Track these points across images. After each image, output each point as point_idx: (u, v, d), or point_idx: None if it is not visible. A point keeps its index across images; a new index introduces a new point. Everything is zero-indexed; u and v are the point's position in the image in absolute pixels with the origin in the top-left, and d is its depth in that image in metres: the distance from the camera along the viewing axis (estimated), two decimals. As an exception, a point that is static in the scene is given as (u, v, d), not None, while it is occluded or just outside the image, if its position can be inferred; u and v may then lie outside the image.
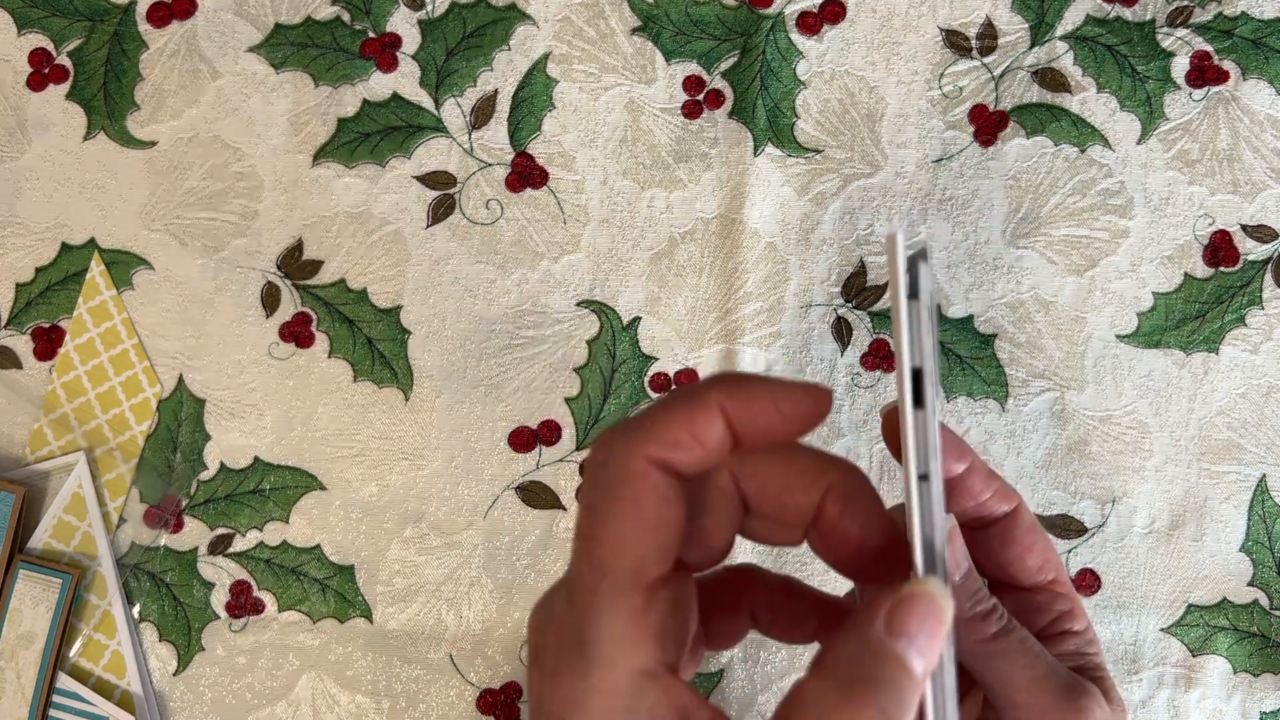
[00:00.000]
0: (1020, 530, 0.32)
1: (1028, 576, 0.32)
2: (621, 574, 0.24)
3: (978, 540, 0.32)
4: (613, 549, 0.24)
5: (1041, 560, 0.32)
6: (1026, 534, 0.32)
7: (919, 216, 0.52)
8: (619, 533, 0.24)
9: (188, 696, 0.53)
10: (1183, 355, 0.52)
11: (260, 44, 0.54)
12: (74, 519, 0.53)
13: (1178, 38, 0.52)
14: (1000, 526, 0.32)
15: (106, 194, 0.54)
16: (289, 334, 0.54)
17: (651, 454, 0.24)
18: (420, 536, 0.53)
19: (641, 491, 0.24)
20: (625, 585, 0.24)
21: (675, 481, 0.25)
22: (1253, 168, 0.52)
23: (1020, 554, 0.32)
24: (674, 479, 0.25)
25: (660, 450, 0.24)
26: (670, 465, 0.25)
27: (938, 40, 0.53)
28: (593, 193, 0.53)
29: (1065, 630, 0.32)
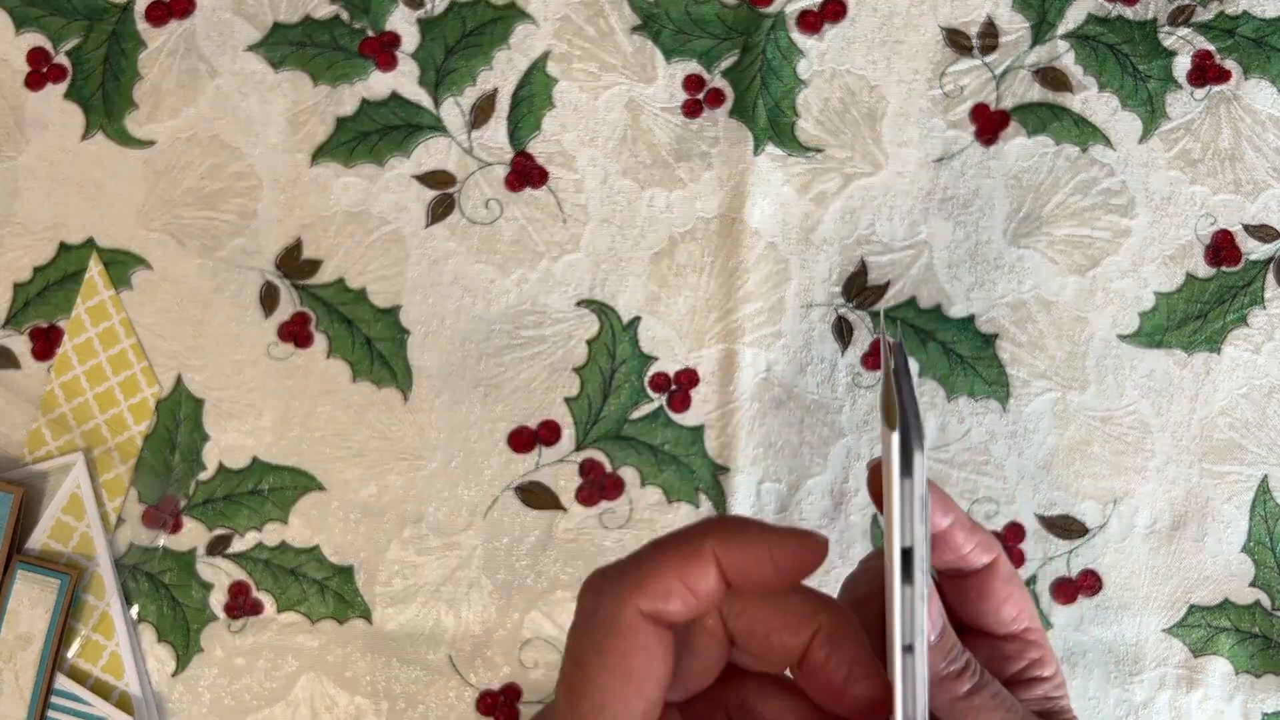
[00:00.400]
0: (998, 581, 0.33)
1: (1003, 626, 0.33)
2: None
3: (956, 589, 0.33)
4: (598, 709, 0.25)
5: (1016, 610, 0.33)
6: (1004, 585, 0.33)
7: (919, 216, 0.52)
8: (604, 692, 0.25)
9: (186, 697, 0.53)
10: (1184, 355, 0.52)
11: (259, 43, 0.54)
12: (72, 519, 0.53)
13: (1179, 37, 0.52)
14: (979, 577, 0.33)
15: (105, 193, 0.54)
16: (288, 334, 0.53)
17: (642, 606, 0.24)
18: (419, 537, 0.53)
19: (629, 648, 0.25)
20: None
21: (665, 634, 0.25)
22: (1254, 167, 0.52)
23: (997, 605, 0.33)
24: (664, 630, 0.25)
25: (651, 603, 0.24)
26: (661, 617, 0.25)
27: (939, 39, 0.53)
28: (593, 192, 0.53)
29: (1035, 677, 0.33)
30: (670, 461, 0.52)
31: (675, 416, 0.52)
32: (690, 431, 0.52)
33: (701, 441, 0.52)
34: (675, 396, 0.52)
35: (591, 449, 0.53)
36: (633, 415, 0.53)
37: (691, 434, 0.52)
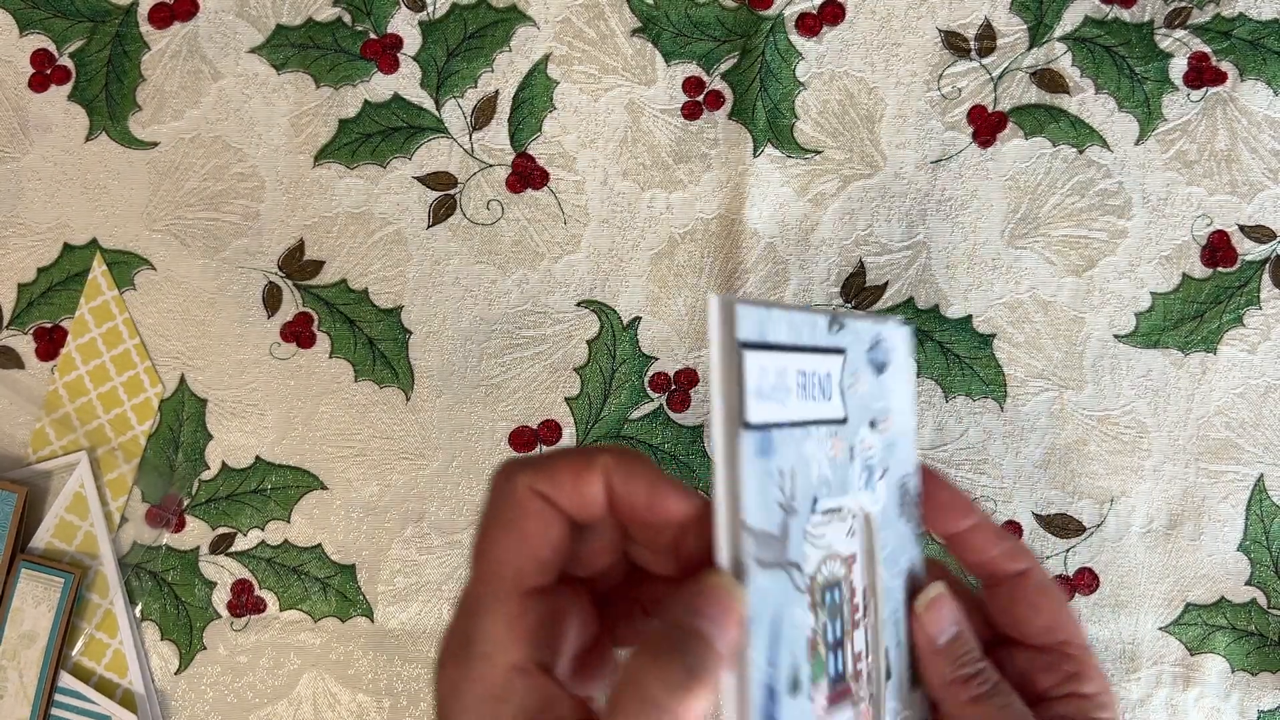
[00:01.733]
0: (1028, 590, 0.34)
1: (1036, 636, 0.34)
2: (500, 584, 0.28)
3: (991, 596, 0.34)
4: (494, 562, 0.28)
5: (1050, 622, 0.33)
6: (1035, 595, 0.33)
7: (917, 217, 0.53)
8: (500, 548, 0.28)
9: (189, 695, 0.53)
10: (1181, 355, 0.52)
11: (262, 45, 0.54)
12: (76, 518, 0.53)
13: (1176, 39, 0.52)
14: (1010, 585, 0.34)
15: (108, 194, 0.54)
16: (290, 334, 0.54)
17: (537, 486, 0.28)
18: (421, 536, 0.53)
19: (523, 514, 0.28)
20: (504, 593, 0.28)
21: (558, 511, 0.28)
22: (1250, 168, 0.52)
23: (1027, 614, 0.34)
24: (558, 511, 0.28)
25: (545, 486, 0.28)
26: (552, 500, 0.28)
27: (936, 41, 0.53)
28: (593, 193, 0.53)
29: (1071, 693, 0.33)
30: (670, 461, 0.52)
31: (675, 416, 0.53)
32: (690, 431, 0.53)
33: (701, 441, 0.52)
34: (675, 396, 0.53)
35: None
36: (633, 415, 0.53)
37: (691, 434, 0.53)
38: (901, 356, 0.33)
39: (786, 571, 0.28)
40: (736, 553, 0.26)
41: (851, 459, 0.30)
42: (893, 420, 0.32)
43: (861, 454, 0.31)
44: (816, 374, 0.29)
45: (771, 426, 0.27)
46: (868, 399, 0.31)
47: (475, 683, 0.27)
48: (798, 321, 0.29)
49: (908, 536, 0.33)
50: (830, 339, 0.30)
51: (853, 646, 0.30)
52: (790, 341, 0.28)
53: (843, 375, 0.30)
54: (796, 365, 0.28)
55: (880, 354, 0.32)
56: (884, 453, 0.32)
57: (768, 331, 0.28)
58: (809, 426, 0.29)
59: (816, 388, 0.29)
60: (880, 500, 0.31)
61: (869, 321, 0.32)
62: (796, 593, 0.28)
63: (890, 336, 0.32)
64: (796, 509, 0.28)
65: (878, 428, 0.32)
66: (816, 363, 0.29)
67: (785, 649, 0.28)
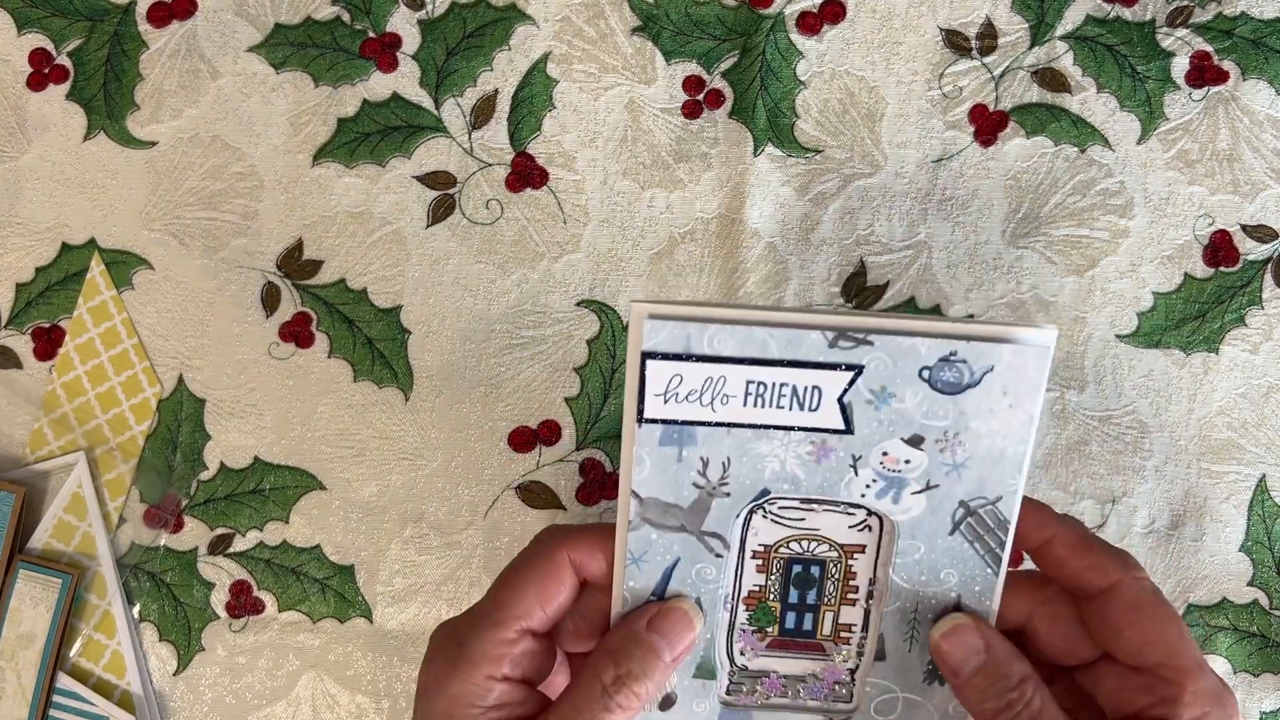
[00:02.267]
0: (1116, 607, 0.33)
1: (1129, 655, 0.33)
2: (505, 613, 0.35)
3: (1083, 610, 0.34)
4: (510, 596, 0.35)
5: (1143, 641, 0.32)
6: (1124, 611, 0.33)
7: (918, 216, 0.53)
8: (518, 588, 0.35)
9: (188, 696, 0.53)
10: (1182, 355, 0.52)
11: (260, 44, 0.54)
12: (74, 519, 0.53)
13: (1177, 38, 0.52)
14: (1100, 600, 0.33)
15: (106, 194, 0.54)
16: (289, 334, 0.54)
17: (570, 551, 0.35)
18: (420, 536, 0.53)
19: (548, 571, 0.35)
20: (506, 621, 0.34)
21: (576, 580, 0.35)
22: (1253, 168, 0.52)
23: (1116, 631, 0.33)
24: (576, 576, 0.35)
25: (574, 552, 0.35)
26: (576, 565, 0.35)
27: (938, 40, 0.53)
28: (593, 193, 0.53)
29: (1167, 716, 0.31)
30: (670, 461, 0.52)
31: (675, 416, 0.53)
32: (690, 431, 0.52)
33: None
34: (675, 396, 0.53)
35: (592, 448, 0.53)
36: (633, 415, 0.53)
37: (691, 434, 0.52)
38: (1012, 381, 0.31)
39: (698, 536, 0.34)
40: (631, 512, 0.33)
41: (854, 467, 0.32)
42: (965, 442, 0.32)
43: (878, 466, 0.32)
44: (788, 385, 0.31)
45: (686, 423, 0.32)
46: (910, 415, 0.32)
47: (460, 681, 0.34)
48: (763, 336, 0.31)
49: (965, 555, 0.33)
50: (831, 354, 0.31)
51: (836, 616, 0.35)
52: (738, 354, 0.31)
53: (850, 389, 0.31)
54: (745, 376, 0.31)
55: (954, 373, 0.31)
56: (935, 472, 0.32)
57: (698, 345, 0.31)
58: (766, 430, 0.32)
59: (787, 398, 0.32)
60: (912, 511, 0.33)
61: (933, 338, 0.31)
62: (708, 554, 0.34)
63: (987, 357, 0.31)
64: (728, 493, 0.33)
65: (926, 445, 0.32)
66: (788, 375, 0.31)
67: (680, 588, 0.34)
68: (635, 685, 0.33)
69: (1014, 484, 0.32)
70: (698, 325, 0.31)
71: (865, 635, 0.35)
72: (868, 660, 0.35)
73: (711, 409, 0.32)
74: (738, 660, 0.36)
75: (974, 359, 0.31)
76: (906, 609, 0.34)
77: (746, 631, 0.35)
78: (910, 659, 0.35)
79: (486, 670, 0.34)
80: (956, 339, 0.31)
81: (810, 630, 0.35)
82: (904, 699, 0.35)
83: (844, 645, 0.35)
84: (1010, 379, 0.31)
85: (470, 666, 0.34)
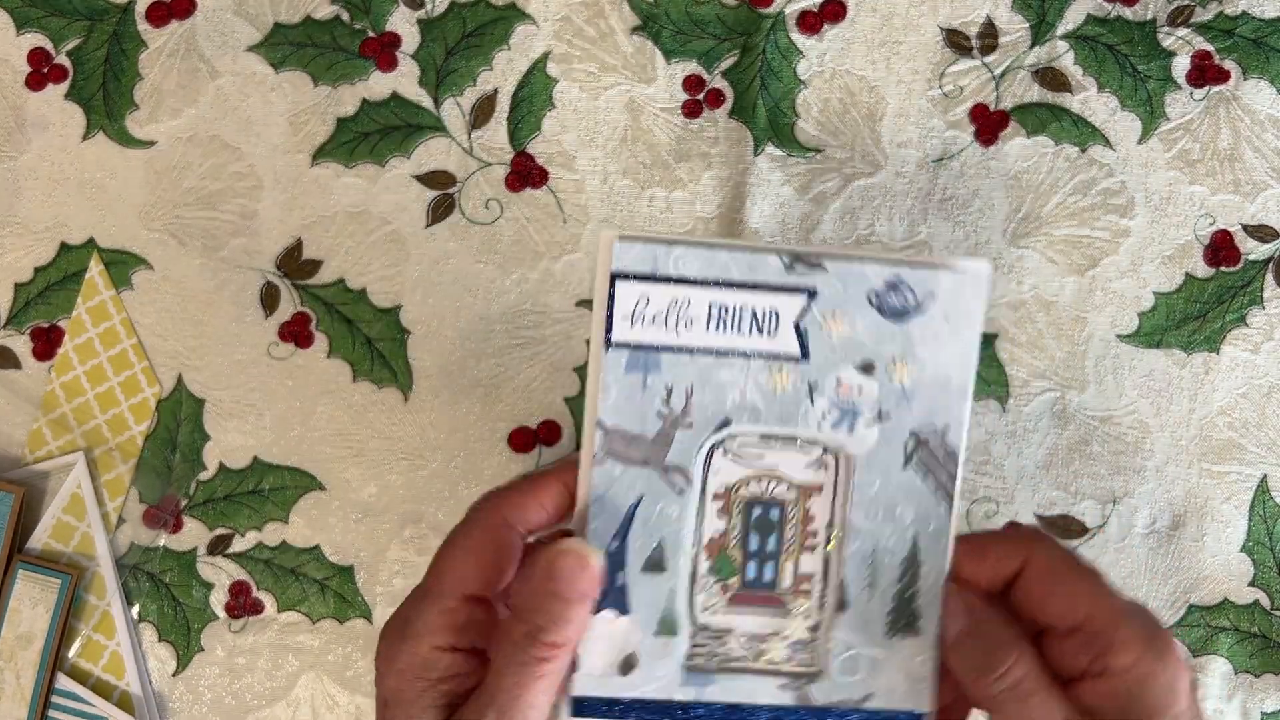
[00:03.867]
0: (1032, 580, 0.34)
1: (1058, 622, 0.34)
2: (444, 584, 0.35)
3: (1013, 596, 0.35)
4: (446, 566, 0.35)
5: (1063, 605, 0.33)
6: (1038, 585, 0.34)
7: (919, 216, 0.52)
8: (451, 557, 0.35)
9: (187, 697, 0.53)
10: (1183, 355, 0.52)
11: (259, 43, 0.54)
12: (73, 519, 0.53)
13: (1178, 37, 0.52)
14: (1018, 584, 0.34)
15: (105, 194, 0.54)
16: (288, 334, 0.53)
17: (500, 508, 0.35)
18: (420, 537, 0.53)
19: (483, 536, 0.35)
20: (444, 593, 0.35)
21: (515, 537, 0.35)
22: (1254, 167, 0.52)
23: (1039, 605, 0.34)
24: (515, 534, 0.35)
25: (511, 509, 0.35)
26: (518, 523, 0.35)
27: (938, 39, 0.53)
28: (593, 192, 0.53)
29: (1104, 669, 0.32)
30: (670, 461, 0.52)
31: (675, 416, 0.52)
32: (690, 431, 0.52)
33: (701, 441, 0.52)
34: (675, 396, 0.53)
35: (591, 449, 0.53)
36: (633, 415, 0.53)
37: (691, 434, 0.52)
38: (954, 307, 0.34)
39: (661, 471, 0.34)
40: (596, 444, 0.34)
41: (810, 396, 0.34)
42: (912, 369, 0.34)
43: (834, 394, 0.34)
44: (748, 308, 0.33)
45: (651, 348, 0.33)
46: (861, 341, 0.34)
47: (406, 655, 0.34)
48: (725, 259, 0.33)
49: (918, 491, 0.35)
50: (787, 278, 0.33)
51: (796, 566, 0.35)
52: (701, 276, 0.33)
53: (805, 314, 0.34)
54: (707, 298, 0.33)
55: (900, 299, 0.34)
56: (887, 400, 0.34)
57: (664, 266, 0.33)
58: (727, 355, 0.34)
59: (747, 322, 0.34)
60: (868, 444, 0.34)
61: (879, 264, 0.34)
62: (670, 491, 0.34)
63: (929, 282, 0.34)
64: (690, 423, 0.34)
65: (877, 373, 0.34)
66: (747, 298, 0.33)
67: (641, 530, 0.34)
68: (545, 636, 0.33)
69: (960, 413, 0.34)
70: (664, 246, 0.33)
71: (825, 586, 0.35)
72: (829, 613, 0.35)
73: (675, 333, 0.33)
74: (699, 618, 0.35)
75: (917, 285, 0.34)
76: (865, 550, 0.35)
77: (709, 584, 0.35)
78: (871, 608, 0.35)
79: (431, 641, 0.34)
80: (900, 265, 0.34)
81: (770, 581, 0.35)
82: (867, 657, 0.35)
83: (804, 599, 0.35)
84: (951, 306, 0.34)
85: (415, 639, 0.34)
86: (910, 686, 0.35)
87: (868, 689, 0.35)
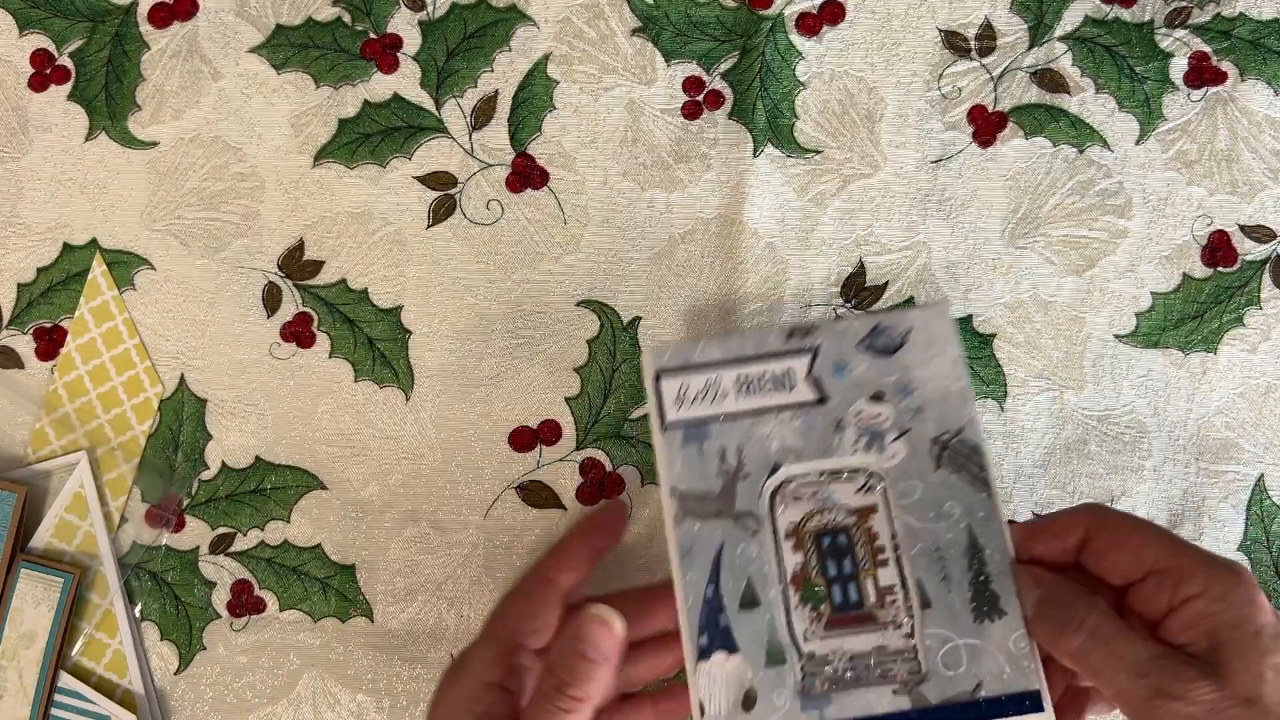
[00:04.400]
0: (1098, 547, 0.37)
1: (1129, 578, 0.37)
2: (497, 634, 0.41)
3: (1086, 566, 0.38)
4: (499, 619, 0.42)
5: (1128, 561, 0.37)
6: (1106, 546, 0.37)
7: (917, 216, 0.53)
8: (505, 610, 0.42)
9: (189, 695, 0.53)
10: (1181, 355, 0.52)
11: (261, 45, 0.54)
12: (75, 518, 0.53)
13: (1176, 38, 0.52)
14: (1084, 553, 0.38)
15: (108, 194, 0.54)
16: (290, 334, 0.54)
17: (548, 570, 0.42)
18: (421, 536, 0.53)
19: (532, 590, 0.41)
20: (497, 640, 0.40)
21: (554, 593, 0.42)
22: (1251, 168, 0.52)
23: (1109, 569, 0.37)
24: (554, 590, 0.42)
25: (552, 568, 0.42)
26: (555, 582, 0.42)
27: (937, 41, 0.53)
28: (593, 193, 0.53)
29: (1184, 599, 0.35)
30: (670, 461, 0.52)
31: (675, 416, 0.53)
32: (690, 431, 0.52)
33: (701, 441, 0.52)
34: (675, 396, 0.53)
35: (592, 448, 0.53)
36: (633, 415, 0.53)
37: (691, 433, 0.52)
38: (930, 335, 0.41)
39: (734, 519, 0.39)
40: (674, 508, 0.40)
41: (838, 429, 0.40)
42: (916, 389, 0.40)
43: (857, 424, 0.40)
44: (767, 374, 0.41)
45: (699, 421, 0.41)
46: (866, 378, 0.41)
47: (461, 686, 0.40)
48: (736, 344, 0.42)
49: (958, 487, 0.39)
50: (791, 344, 0.42)
51: (875, 582, 0.39)
52: (724, 357, 0.42)
53: (814, 367, 0.41)
54: (733, 373, 0.41)
55: (886, 339, 0.41)
56: (903, 418, 0.40)
57: (694, 356, 0.42)
58: (761, 414, 0.41)
59: (769, 384, 0.41)
60: (897, 456, 0.40)
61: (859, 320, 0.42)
62: (746, 534, 0.39)
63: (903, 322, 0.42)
64: (748, 473, 0.40)
65: (888, 398, 0.41)
66: (765, 366, 0.41)
67: (729, 573, 0.39)
68: (569, 690, 0.37)
69: (969, 414, 0.40)
70: (690, 342, 0.42)
71: (907, 592, 0.39)
72: (917, 614, 0.38)
73: (715, 405, 0.41)
74: (803, 647, 0.39)
75: (894, 325, 0.42)
76: (929, 548, 0.39)
77: (804, 613, 0.39)
78: (953, 599, 0.38)
79: (481, 677, 0.39)
80: (875, 316, 0.42)
81: (858, 601, 0.39)
82: (965, 646, 0.38)
83: (891, 608, 0.39)
84: (927, 333, 0.41)
85: (469, 674, 0.40)
86: (1015, 668, 0.37)
87: (975, 678, 0.37)
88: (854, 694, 0.38)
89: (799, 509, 0.39)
